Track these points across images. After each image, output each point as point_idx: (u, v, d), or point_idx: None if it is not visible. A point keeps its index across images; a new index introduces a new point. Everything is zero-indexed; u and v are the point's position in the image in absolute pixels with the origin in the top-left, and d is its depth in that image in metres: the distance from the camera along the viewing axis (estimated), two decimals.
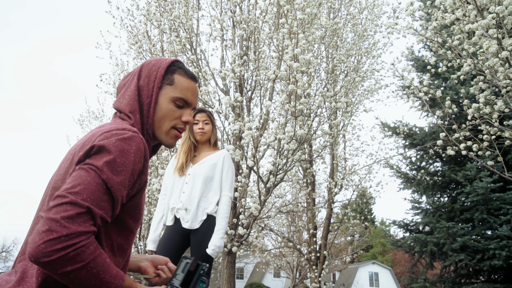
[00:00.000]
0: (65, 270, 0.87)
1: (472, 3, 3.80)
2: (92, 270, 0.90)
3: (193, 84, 1.22)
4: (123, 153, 0.99)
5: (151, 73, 1.17)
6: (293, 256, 14.48)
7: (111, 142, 0.99)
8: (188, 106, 1.20)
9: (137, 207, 1.08)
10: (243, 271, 28.33)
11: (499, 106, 4.56)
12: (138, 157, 1.02)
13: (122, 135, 1.01)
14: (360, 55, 8.27)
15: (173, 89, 1.17)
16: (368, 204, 30.39)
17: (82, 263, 0.88)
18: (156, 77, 1.16)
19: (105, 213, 0.95)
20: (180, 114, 1.19)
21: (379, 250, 34.42)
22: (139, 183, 1.06)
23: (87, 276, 0.90)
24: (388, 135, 9.99)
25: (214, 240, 2.61)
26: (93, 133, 1.06)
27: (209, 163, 2.79)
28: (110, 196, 0.96)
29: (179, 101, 1.18)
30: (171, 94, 1.17)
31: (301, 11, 4.40)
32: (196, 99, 1.22)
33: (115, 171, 0.97)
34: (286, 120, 4.57)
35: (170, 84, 1.17)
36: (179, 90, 1.18)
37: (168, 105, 1.16)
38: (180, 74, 1.20)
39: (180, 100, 1.18)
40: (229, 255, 5.38)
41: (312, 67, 4.82)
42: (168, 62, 1.20)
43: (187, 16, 5.19)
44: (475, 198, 8.08)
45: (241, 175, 4.94)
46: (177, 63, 1.22)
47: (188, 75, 1.21)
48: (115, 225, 1.04)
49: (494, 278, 8.80)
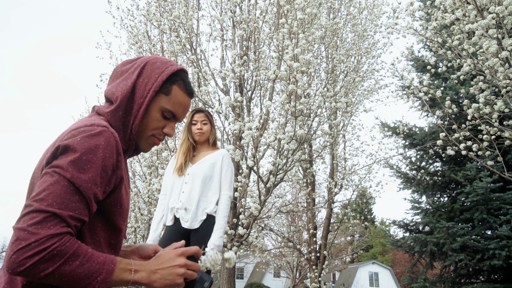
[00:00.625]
0: (48, 272, 0.87)
1: (472, 3, 3.80)
2: (75, 263, 0.90)
3: (188, 100, 1.19)
4: (89, 150, 0.96)
5: (152, 75, 1.13)
6: (293, 256, 14.49)
7: (76, 140, 0.97)
8: (174, 120, 1.18)
9: (119, 203, 1.06)
10: (243, 271, 28.33)
11: (499, 106, 4.56)
12: (109, 152, 1.00)
13: (89, 131, 0.99)
14: (360, 55, 8.28)
15: (166, 100, 1.14)
16: (368, 204, 30.41)
17: (61, 261, 0.88)
18: (156, 81, 1.12)
19: (78, 213, 0.93)
20: (163, 124, 1.16)
21: (379, 250, 34.43)
22: (115, 179, 1.04)
23: (71, 269, 0.89)
24: (388, 135, 10.00)
25: (213, 239, 2.61)
26: (63, 131, 1.04)
27: (208, 162, 2.79)
28: (81, 196, 0.94)
29: (168, 114, 1.15)
30: (162, 104, 1.14)
31: (301, 11, 4.41)
32: (184, 115, 1.21)
33: (82, 169, 0.95)
34: (286, 120, 4.58)
35: (166, 93, 1.14)
36: (172, 103, 1.14)
37: (156, 114, 1.14)
38: (179, 86, 1.16)
39: (169, 113, 1.15)
40: None
41: (312, 67, 4.82)
42: (172, 70, 1.16)
43: (187, 16, 5.19)
44: (475, 198, 8.08)
45: (241, 175, 4.94)
46: (181, 73, 1.18)
47: (186, 90, 1.17)
48: (100, 222, 1.04)
49: (494, 278, 8.80)
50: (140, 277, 0.99)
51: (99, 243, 1.04)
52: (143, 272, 1.00)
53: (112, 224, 1.06)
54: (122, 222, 1.10)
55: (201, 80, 5.46)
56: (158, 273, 1.02)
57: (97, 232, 1.04)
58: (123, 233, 1.13)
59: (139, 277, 0.99)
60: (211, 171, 2.77)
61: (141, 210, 7.93)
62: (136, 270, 0.99)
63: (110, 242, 1.08)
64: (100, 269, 0.93)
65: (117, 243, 1.11)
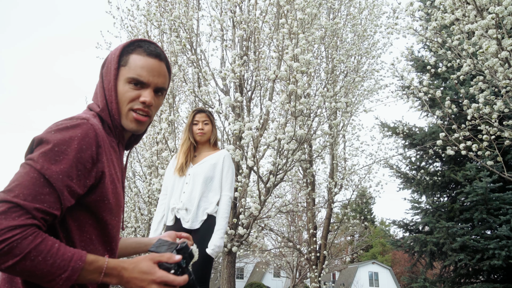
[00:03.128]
0: (8, 265, 0.84)
1: (472, 4, 3.81)
2: (37, 258, 0.86)
3: (151, 61, 1.12)
4: (63, 142, 0.94)
5: (111, 58, 1.13)
6: (293, 256, 14.49)
7: (50, 133, 0.95)
8: (145, 86, 1.12)
9: (105, 198, 1.03)
10: (243, 271, 28.33)
11: (498, 106, 4.57)
12: (86, 144, 0.97)
13: (65, 124, 0.97)
14: (360, 55, 8.28)
15: (127, 70, 1.11)
16: (368, 204, 30.41)
17: (22, 255, 0.84)
18: (112, 61, 1.12)
19: (47, 206, 0.90)
20: (137, 94, 1.11)
21: (379, 250, 34.44)
22: (96, 172, 1.00)
23: (33, 265, 0.86)
24: (387, 135, 10.00)
25: (214, 240, 2.62)
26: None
27: (209, 163, 2.79)
28: (51, 188, 0.91)
29: (133, 80, 1.11)
30: (125, 75, 1.11)
31: (301, 11, 4.41)
32: (157, 77, 1.13)
33: (53, 160, 0.92)
34: (286, 120, 4.58)
35: (124, 65, 1.12)
36: (133, 69, 1.11)
37: (124, 87, 1.11)
38: (137, 53, 1.12)
39: (134, 79, 1.11)
40: (229, 255, 5.39)
41: (312, 67, 4.83)
42: (125, 43, 1.15)
43: (187, 16, 5.20)
44: (475, 198, 8.08)
45: (241, 175, 4.95)
46: (138, 42, 1.15)
47: (146, 52, 1.13)
48: (90, 219, 1.02)
49: (493, 278, 8.80)
50: (109, 281, 0.96)
51: (91, 240, 1.03)
52: (114, 277, 0.96)
53: (100, 220, 1.04)
54: (112, 217, 1.07)
55: (201, 80, 5.46)
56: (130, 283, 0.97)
57: (87, 229, 1.02)
58: (116, 229, 1.11)
59: (108, 281, 0.96)
60: (212, 172, 2.77)
61: (141, 210, 7.94)
62: (107, 274, 0.94)
63: (103, 239, 1.06)
64: (65, 266, 0.88)
65: (111, 240, 1.08)
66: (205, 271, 2.67)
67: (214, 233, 2.64)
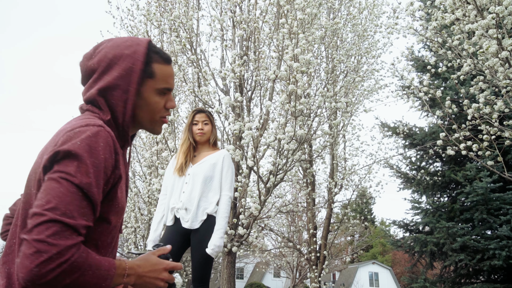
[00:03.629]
0: (65, 283, 0.87)
1: (472, 3, 3.80)
2: (88, 273, 0.90)
3: (170, 68, 1.17)
4: (91, 153, 0.95)
5: (126, 66, 1.08)
6: (293, 256, 14.49)
7: (76, 144, 0.94)
8: (170, 91, 1.18)
9: (116, 202, 1.06)
10: (243, 271, 28.33)
11: (499, 106, 4.56)
12: (108, 153, 0.98)
13: (85, 132, 0.96)
14: (360, 55, 8.27)
15: (155, 82, 1.12)
16: (368, 204, 30.39)
17: (79, 272, 0.88)
18: (133, 72, 1.08)
19: (87, 219, 0.93)
20: (164, 102, 1.16)
21: (379, 250, 34.43)
22: (113, 178, 1.03)
23: (85, 280, 0.90)
24: (388, 135, 10.00)
25: (213, 239, 2.62)
26: (57, 132, 1.01)
27: (209, 163, 2.79)
28: (89, 201, 0.94)
29: (164, 90, 1.14)
30: (154, 86, 1.12)
31: (301, 11, 4.41)
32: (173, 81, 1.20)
33: (87, 173, 0.93)
34: (286, 120, 4.58)
35: (150, 77, 1.11)
36: (161, 80, 1.13)
37: (154, 98, 1.13)
38: (158, 62, 1.13)
39: (165, 89, 1.15)
40: (229, 255, 5.38)
41: (312, 67, 4.82)
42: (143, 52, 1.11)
43: (187, 16, 5.19)
44: (475, 198, 8.08)
45: (241, 175, 4.94)
46: (151, 48, 1.14)
47: (165, 60, 1.15)
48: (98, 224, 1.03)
49: (494, 278, 8.80)
50: (128, 281, 1.01)
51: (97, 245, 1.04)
52: (132, 276, 1.01)
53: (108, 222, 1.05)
54: (117, 219, 1.09)
55: (201, 80, 5.46)
56: (143, 279, 1.04)
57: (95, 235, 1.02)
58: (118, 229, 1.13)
59: (128, 281, 1.01)
60: (211, 172, 2.77)
61: (141, 210, 7.94)
62: (128, 275, 1.00)
63: (106, 241, 1.07)
64: (106, 276, 0.93)
65: (112, 241, 1.10)
66: (205, 271, 2.67)
67: (214, 233, 2.64)
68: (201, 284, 2.65)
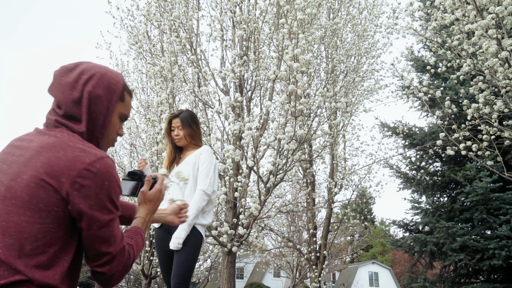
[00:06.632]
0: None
1: (472, 4, 3.81)
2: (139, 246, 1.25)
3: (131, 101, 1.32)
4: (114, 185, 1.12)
5: (110, 85, 1.20)
6: (293, 256, 14.49)
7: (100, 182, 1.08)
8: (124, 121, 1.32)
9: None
10: (243, 271, 28.33)
11: (498, 106, 4.57)
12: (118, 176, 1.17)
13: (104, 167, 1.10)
14: (360, 55, 8.27)
15: (122, 106, 1.26)
16: (368, 204, 30.39)
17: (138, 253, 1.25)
18: (115, 92, 1.21)
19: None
20: (119, 127, 1.29)
21: (379, 250, 34.44)
22: None
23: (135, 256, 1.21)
24: (387, 135, 10.00)
25: (176, 232, 2.64)
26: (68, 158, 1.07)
27: (188, 162, 2.83)
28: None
29: (123, 117, 1.28)
30: (121, 110, 1.25)
31: (301, 11, 4.41)
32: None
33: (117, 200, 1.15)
34: (286, 120, 4.58)
35: (122, 100, 1.25)
36: (126, 107, 1.28)
37: (116, 120, 1.25)
38: (127, 92, 1.28)
39: (125, 116, 1.28)
40: (229, 255, 5.39)
41: (312, 67, 4.83)
42: (123, 79, 1.27)
43: (187, 16, 5.20)
44: (475, 198, 8.08)
45: (241, 175, 4.95)
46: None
47: (129, 93, 1.30)
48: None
49: (493, 278, 8.80)
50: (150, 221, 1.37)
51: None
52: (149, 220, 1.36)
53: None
54: None
55: (201, 80, 5.46)
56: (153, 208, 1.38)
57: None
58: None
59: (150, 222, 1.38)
60: (190, 171, 2.79)
61: None
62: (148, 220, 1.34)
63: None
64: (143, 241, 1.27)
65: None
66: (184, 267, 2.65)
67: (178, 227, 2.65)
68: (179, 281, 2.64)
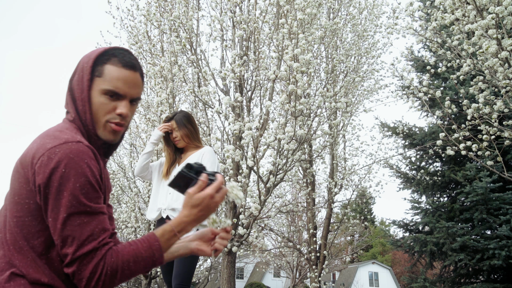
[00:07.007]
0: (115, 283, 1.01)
1: (472, 4, 3.81)
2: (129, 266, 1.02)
3: (127, 72, 1.11)
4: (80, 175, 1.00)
5: (83, 67, 1.10)
6: (293, 256, 14.49)
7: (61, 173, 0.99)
8: (122, 97, 1.11)
9: None
10: (243, 271, 28.32)
11: (498, 106, 4.57)
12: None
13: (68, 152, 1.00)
14: (360, 55, 8.27)
15: (102, 81, 1.09)
16: (368, 204, 30.41)
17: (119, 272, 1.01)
18: (85, 70, 1.09)
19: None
20: (114, 106, 1.11)
21: (379, 250, 34.43)
22: None
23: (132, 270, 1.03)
24: (387, 135, 10.00)
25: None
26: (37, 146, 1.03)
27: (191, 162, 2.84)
28: None
29: (109, 92, 1.09)
30: (100, 86, 1.09)
31: (301, 11, 4.41)
32: (133, 88, 1.12)
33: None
34: (286, 120, 4.58)
35: (99, 76, 1.09)
36: (108, 81, 1.09)
37: (100, 98, 1.09)
38: (112, 63, 1.10)
39: (110, 91, 1.09)
40: (229, 255, 5.39)
41: (312, 67, 4.83)
42: (98, 51, 1.11)
43: (187, 17, 5.20)
44: (475, 198, 8.08)
45: (241, 175, 4.95)
46: (112, 51, 1.13)
47: (121, 63, 1.10)
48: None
49: (493, 278, 8.80)
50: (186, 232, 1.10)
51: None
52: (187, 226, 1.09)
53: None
54: None
55: (201, 80, 5.46)
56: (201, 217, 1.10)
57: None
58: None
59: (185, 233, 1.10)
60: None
61: (141, 210, 7.93)
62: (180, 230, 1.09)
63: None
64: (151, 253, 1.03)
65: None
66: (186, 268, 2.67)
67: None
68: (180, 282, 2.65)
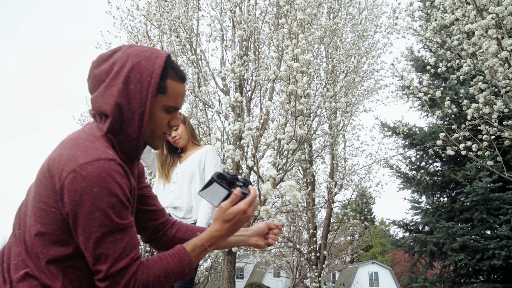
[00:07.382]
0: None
1: (472, 4, 3.81)
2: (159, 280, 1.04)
3: (183, 86, 1.14)
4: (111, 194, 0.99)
5: (143, 79, 1.05)
6: (293, 256, 14.49)
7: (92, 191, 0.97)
8: (176, 110, 1.15)
9: None
10: (243, 271, 28.33)
11: (498, 106, 4.57)
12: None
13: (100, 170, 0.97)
14: (360, 55, 8.28)
15: (166, 98, 1.09)
16: (368, 204, 30.38)
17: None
18: (150, 85, 1.06)
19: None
20: (169, 119, 1.14)
21: (379, 250, 34.43)
22: None
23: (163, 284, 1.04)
24: (387, 135, 10.00)
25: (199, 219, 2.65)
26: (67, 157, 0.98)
27: (193, 160, 2.85)
28: None
29: (171, 109, 1.12)
30: (164, 103, 1.09)
31: (301, 11, 4.41)
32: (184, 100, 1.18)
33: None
34: (286, 120, 4.58)
35: (163, 92, 1.08)
36: (172, 98, 1.10)
37: (161, 114, 1.10)
38: (172, 78, 1.10)
39: (172, 108, 1.12)
40: (229, 255, 5.39)
41: (312, 67, 4.83)
42: (160, 66, 1.07)
43: (187, 17, 5.19)
44: (475, 198, 8.08)
45: (241, 175, 4.95)
46: (169, 63, 1.11)
47: (179, 78, 1.12)
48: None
49: (493, 278, 8.80)
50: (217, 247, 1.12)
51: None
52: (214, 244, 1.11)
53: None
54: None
55: (201, 80, 5.46)
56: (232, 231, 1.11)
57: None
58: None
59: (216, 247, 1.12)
60: (196, 169, 2.80)
61: None
62: (211, 244, 1.10)
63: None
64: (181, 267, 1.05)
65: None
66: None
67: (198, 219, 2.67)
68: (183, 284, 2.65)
